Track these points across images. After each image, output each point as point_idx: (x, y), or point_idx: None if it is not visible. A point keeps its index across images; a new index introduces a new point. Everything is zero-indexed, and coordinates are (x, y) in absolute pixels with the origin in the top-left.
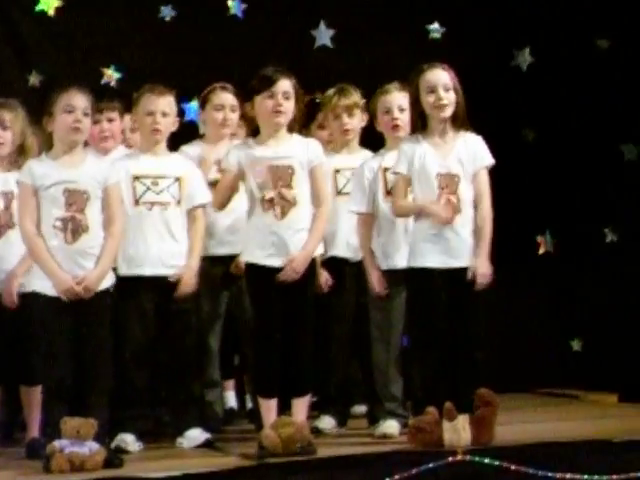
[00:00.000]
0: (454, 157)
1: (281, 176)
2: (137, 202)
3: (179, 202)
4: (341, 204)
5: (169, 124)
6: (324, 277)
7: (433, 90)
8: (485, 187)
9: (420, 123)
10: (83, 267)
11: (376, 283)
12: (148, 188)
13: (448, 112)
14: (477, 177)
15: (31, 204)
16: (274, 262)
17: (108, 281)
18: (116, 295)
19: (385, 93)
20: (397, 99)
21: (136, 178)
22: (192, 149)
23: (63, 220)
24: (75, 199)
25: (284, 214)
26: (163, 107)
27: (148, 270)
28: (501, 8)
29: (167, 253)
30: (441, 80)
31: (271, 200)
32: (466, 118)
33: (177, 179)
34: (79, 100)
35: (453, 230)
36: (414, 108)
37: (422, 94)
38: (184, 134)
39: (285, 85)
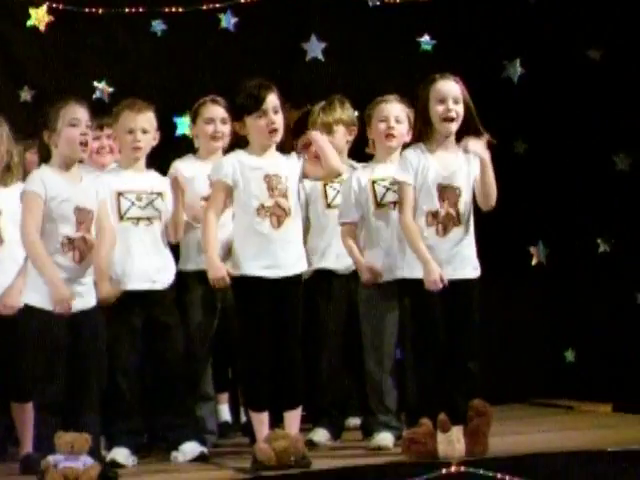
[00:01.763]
0: (456, 169)
1: (276, 186)
2: (122, 217)
3: (161, 216)
4: (330, 217)
5: (149, 140)
6: None
7: (443, 101)
8: None
9: (426, 132)
10: (83, 284)
11: (365, 271)
12: (133, 203)
13: (454, 125)
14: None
15: (37, 213)
16: (267, 273)
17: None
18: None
19: (385, 102)
20: (395, 109)
21: (120, 194)
22: (184, 164)
23: (73, 239)
24: (84, 218)
25: (280, 224)
26: (142, 124)
27: (136, 285)
28: (491, 20)
29: (154, 267)
30: (452, 92)
31: (268, 209)
32: (479, 128)
33: (159, 194)
34: (82, 113)
35: (450, 242)
36: (422, 116)
37: (431, 103)
38: (176, 148)
39: (274, 100)
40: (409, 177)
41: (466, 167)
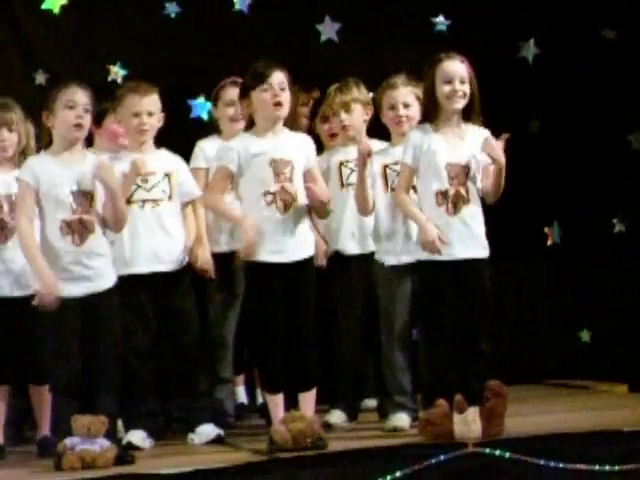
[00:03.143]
0: (465, 148)
1: (282, 170)
2: (128, 201)
3: (170, 197)
4: (344, 197)
5: (155, 122)
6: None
7: (449, 81)
8: None
9: (434, 111)
10: (90, 267)
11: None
12: (139, 186)
13: (461, 104)
14: (487, 172)
15: (29, 202)
16: (276, 258)
17: (113, 279)
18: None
19: (391, 88)
20: (402, 95)
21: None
22: (209, 144)
23: (70, 222)
24: (81, 201)
25: (287, 209)
26: (148, 107)
27: (145, 267)
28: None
29: (162, 249)
30: (458, 72)
31: (274, 194)
32: (480, 111)
33: (166, 175)
34: (80, 96)
35: (460, 222)
36: (429, 96)
37: (437, 83)
38: (191, 130)
39: (280, 76)
40: (406, 157)
41: (475, 146)
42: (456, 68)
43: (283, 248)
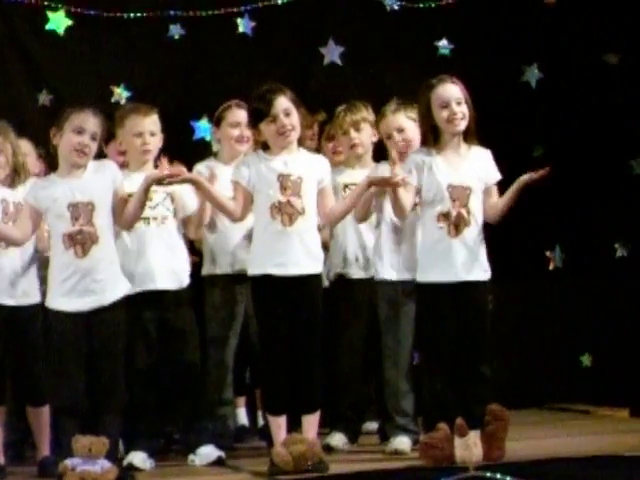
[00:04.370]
0: (466, 170)
1: (290, 185)
2: None
3: (174, 215)
4: (347, 220)
5: (157, 142)
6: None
7: (446, 105)
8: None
9: (432, 137)
10: (96, 280)
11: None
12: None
13: (462, 126)
14: (490, 192)
15: (24, 221)
16: (279, 271)
17: (122, 290)
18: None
19: (382, 117)
20: (397, 121)
21: (130, 196)
22: (205, 168)
23: (71, 235)
24: (81, 212)
25: (292, 222)
26: (150, 127)
27: (151, 285)
28: (509, 24)
29: (168, 267)
30: (454, 95)
31: (279, 207)
32: (475, 131)
33: (169, 193)
34: (90, 123)
35: (461, 243)
36: (426, 122)
37: (435, 109)
38: (194, 152)
39: (282, 103)
40: (411, 178)
41: (476, 168)
42: (451, 91)
43: (286, 261)
